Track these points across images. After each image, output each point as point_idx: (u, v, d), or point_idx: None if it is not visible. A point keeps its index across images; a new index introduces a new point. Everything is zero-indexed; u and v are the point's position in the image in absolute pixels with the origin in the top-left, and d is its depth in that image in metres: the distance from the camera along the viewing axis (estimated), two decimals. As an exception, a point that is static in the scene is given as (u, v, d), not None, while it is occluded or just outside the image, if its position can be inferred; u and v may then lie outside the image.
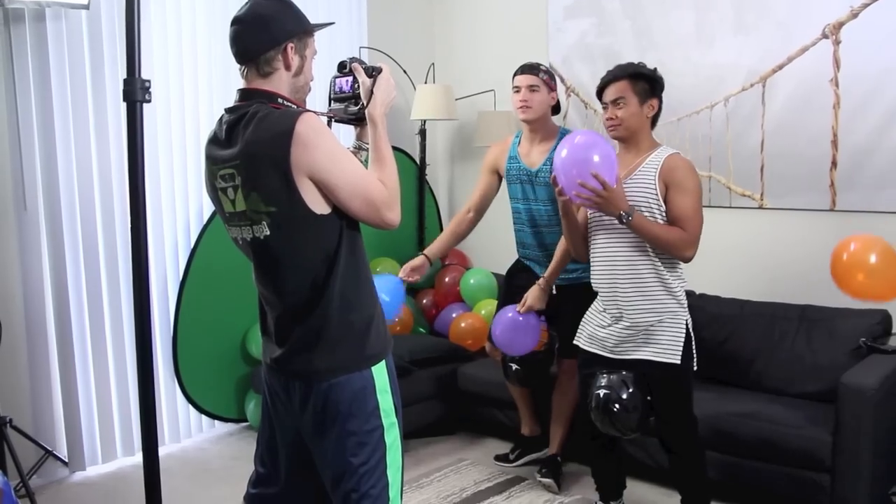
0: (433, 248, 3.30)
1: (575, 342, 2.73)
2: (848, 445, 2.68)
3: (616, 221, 2.45)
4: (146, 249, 1.92)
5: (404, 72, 4.47)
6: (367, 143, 1.92)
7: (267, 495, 1.99)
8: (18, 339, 3.28)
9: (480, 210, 3.35)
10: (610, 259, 2.56)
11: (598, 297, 2.67)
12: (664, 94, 2.62)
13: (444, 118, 4.40)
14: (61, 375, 3.37)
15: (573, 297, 3.05)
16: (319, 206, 1.72)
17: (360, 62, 1.90)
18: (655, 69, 2.61)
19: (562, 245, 3.03)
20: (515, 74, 3.16)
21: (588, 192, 2.38)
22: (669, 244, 2.46)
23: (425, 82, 4.59)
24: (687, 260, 2.50)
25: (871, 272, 2.57)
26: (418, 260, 3.19)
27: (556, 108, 3.21)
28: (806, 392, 3.15)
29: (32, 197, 3.26)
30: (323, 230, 1.75)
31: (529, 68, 3.15)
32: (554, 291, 3.14)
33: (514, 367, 3.25)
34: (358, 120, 1.94)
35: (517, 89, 3.14)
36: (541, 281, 3.11)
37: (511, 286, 3.36)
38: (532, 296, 3.09)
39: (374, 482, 1.81)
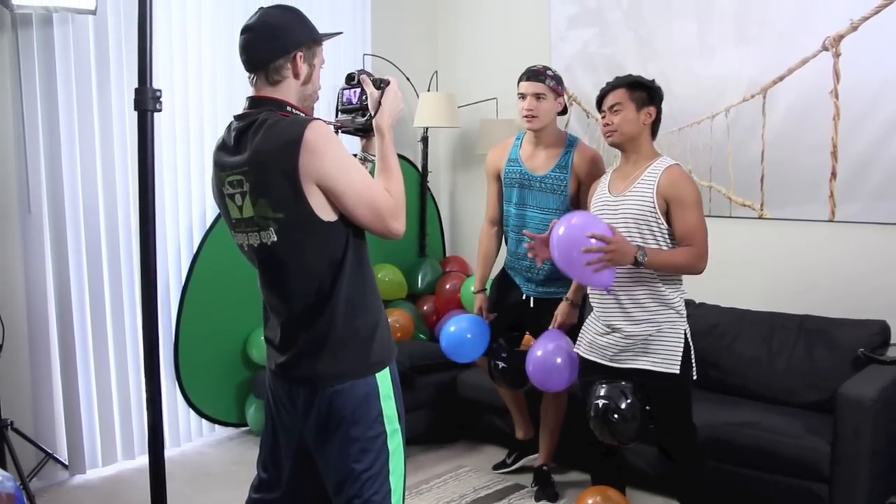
0: (481, 278, 3.27)
1: (574, 350, 2.74)
2: (846, 455, 2.70)
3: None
4: (154, 256, 1.94)
5: (407, 79, 4.49)
6: (373, 155, 1.94)
7: (269, 500, 2.00)
8: (20, 341, 3.28)
9: (501, 219, 3.24)
10: None
11: (594, 308, 2.68)
12: (665, 105, 2.64)
13: (446, 126, 4.42)
14: (62, 378, 3.37)
15: (551, 312, 3.06)
16: (326, 214, 1.74)
17: (369, 74, 1.92)
18: (654, 80, 2.63)
19: None
20: (521, 80, 3.02)
21: (595, 254, 2.36)
22: (684, 266, 2.48)
23: (428, 90, 4.61)
24: (700, 272, 2.50)
25: None
26: (480, 299, 3.28)
27: (563, 112, 3.07)
28: (804, 402, 3.16)
29: (37, 199, 3.27)
30: (330, 237, 1.76)
31: (535, 74, 2.99)
32: (531, 305, 3.14)
33: (501, 364, 3.17)
34: (365, 131, 1.95)
35: (522, 96, 3.00)
36: (569, 295, 3.06)
37: (490, 300, 3.32)
38: (562, 312, 3.06)
39: (376, 489, 1.82)
